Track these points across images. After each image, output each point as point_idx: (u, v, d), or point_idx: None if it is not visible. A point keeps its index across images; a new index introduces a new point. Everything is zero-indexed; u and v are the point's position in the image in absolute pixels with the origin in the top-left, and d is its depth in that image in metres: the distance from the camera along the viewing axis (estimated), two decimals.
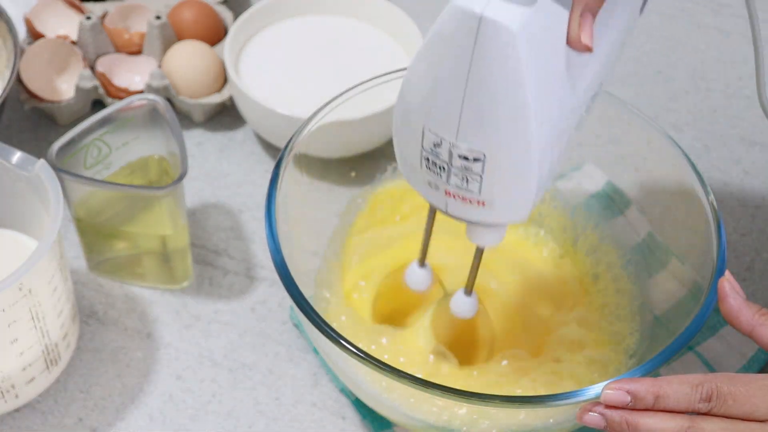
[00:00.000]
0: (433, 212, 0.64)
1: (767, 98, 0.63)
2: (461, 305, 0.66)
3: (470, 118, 0.52)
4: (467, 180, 0.54)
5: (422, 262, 0.67)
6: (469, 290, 0.66)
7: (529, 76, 0.50)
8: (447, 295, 0.69)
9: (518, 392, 0.66)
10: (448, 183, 0.55)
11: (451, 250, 0.73)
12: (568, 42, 0.53)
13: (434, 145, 0.54)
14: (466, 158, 0.53)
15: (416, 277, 0.68)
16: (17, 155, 0.68)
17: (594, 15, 0.53)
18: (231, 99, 0.88)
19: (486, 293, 0.71)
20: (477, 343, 0.69)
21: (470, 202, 0.56)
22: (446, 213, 0.58)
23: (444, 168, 0.55)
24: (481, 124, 0.52)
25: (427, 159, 0.55)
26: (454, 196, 0.56)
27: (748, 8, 0.60)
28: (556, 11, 0.52)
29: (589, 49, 0.53)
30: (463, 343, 0.69)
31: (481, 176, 0.54)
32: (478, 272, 0.64)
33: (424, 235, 0.65)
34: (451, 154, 0.54)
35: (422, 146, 0.55)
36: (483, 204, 0.55)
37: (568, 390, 0.58)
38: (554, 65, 0.53)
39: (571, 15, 0.52)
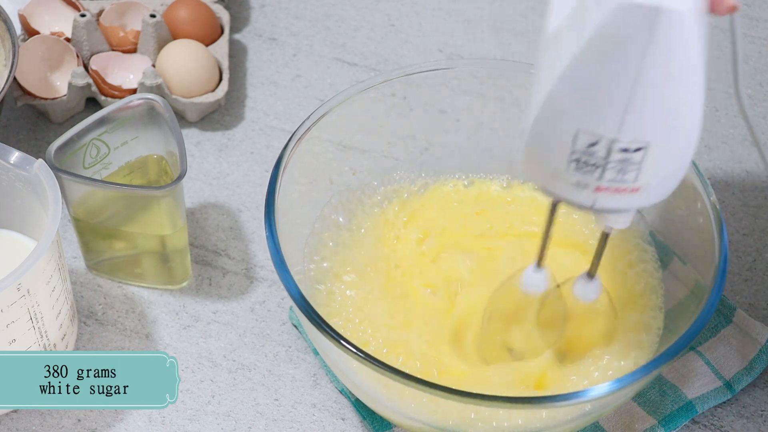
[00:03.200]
0: (553, 211, 0.62)
1: (742, 95, 0.64)
2: (585, 288, 0.65)
3: (637, 111, 0.51)
4: (624, 171, 0.54)
5: (541, 264, 0.64)
6: (592, 274, 0.64)
7: (701, 60, 0.51)
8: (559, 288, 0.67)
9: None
10: (601, 179, 0.54)
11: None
12: (713, 8, 0.54)
13: (589, 146, 0.53)
14: (626, 150, 0.53)
15: (534, 280, 0.64)
16: (15, 155, 0.68)
17: None
18: (225, 98, 0.88)
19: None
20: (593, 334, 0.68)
21: (623, 191, 0.55)
22: (590, 208, 0.56)
23: (598, 165, 0.54)
24: (649, 114, 0.51)
25: (578, 160, 0.54)
26: (606, 190, 0.55)
27: None
28: None
29: (735, 8, 0.54)
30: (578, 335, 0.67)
31: (640, 165, 0.53)
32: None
33: (543, 236, 0.63)
34: (609, 150, 0.53)
35: (572, 149, 0.54)
36: (636, 190, 0.55)
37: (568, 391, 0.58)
38: (705, 41, 0.53)
39: None
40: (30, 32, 0.90)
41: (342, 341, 0.60)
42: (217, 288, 0.78)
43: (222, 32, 0.92)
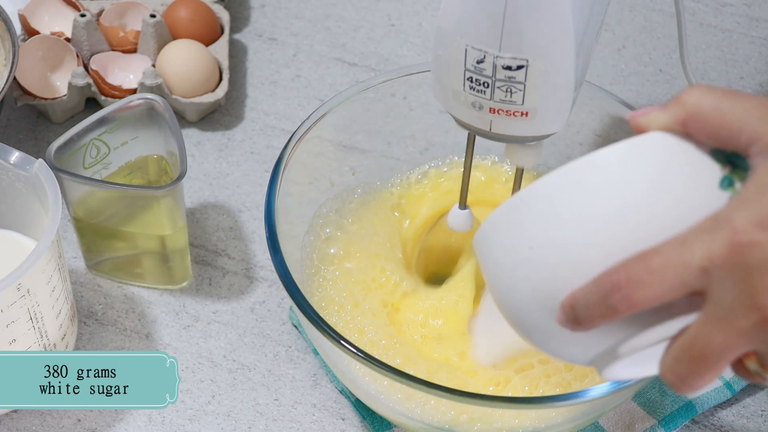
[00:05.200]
0: (470, 148, 0.65)
1: (690, 65, 0.69)
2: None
3: (512, 28, 0.55)
4: (511, 91, 0.57)
5: (463, 204, 0.69)
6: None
7: None
8: None
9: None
10: (492, 98, 0.58)
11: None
12: None
13: (477, 62, 0.57)
14: (509, 68, 0.56)
15: (459, 219, 0.70)
16: (15, 155, 0.68)
17: None
18: (225, 98, 0.88)
19: None
20: None
21: (514, 115, 0.58)
22: (489, 134, 0.60)
23: (487, 84, 0.57)
24: (523, 31, 0.55)
25: (471, 78, 0.58)
26: (498, 112, 0.58)
27: None
28: None
29: None
30: None
31: (524, 84, 0.57)
32: None
33: (463, 173, 0.67)
34: (495, 67, 0.56)
35: (465, 66, 0.57)
36: (526, 114, 0.58)
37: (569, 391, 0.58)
38: None
39: None
40: (30, 32, 0.90)
41: (342, 341, 0.60)
42: (217, 288, 0.78)
43: (222, 32, 0.92)
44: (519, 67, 0.56)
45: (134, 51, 0.90)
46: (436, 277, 0.73)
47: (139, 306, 0.77)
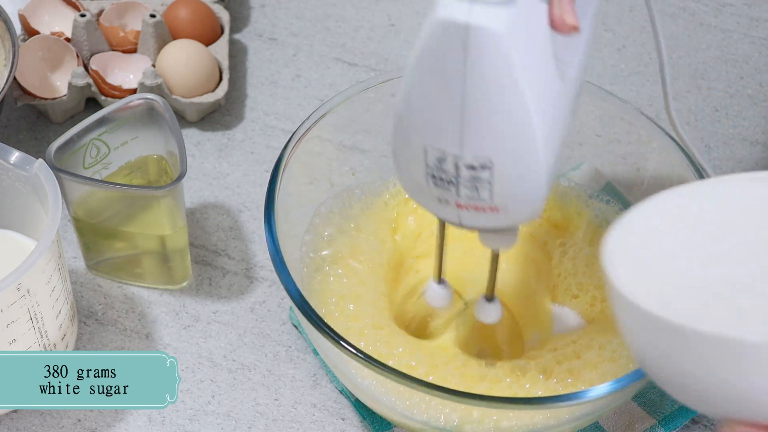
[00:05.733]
0: (442, 227, 0.63)
1: (673, 113, 0.66)
2: (485, 311, 0.66)
3: (472, 127, 0.51)
4: (477, 189, 0.54)
5: (438, 279, 0.66)
6: (490, 296, 0.65)
7: (523, 76, 0.50)
8: (467, 308, 0.69)
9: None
10: (458, 195, 0.54)
11: (465, 259, 0.72)
12: (554, 27, 0.52)
13: (439, 161, 0.53)
14: (473, 167, 0.53)
15: (435, 294, 0.67)
16: (15, 155, 0.68)
17: None
18: (225, 98, 0.88)
19: (504, 295, 0.71)
20: (504, 345, 0.69)
21: (483, 210, 0.55)
22: (460, 225, 0.57)
23: (452, 182, 0.54)
24: (483, 131, 0.51)
25: (433, 176, 0.54)
26: (466, 208, 0.55)
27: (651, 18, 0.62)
28: (534, 4, 0.51)
29: (576, 29, 0.52)
30: (491, 349, 0.69)
31: (490, 182, 0.53)
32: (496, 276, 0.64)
33: (436, 251, 0.64)
34: (457, 167, 0.53)
35: (426, 164, 0.54)
36: (496, 209, 0.55)
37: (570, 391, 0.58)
38: (544, 58, 0.52)
39: (551, 1, 0.52)
40: (30, 32, 0.90)
41: (342, 342, 0.60)
42: (217, 288, 0.78)
43: (222, 32, 0.92)
44: (483, 167, 0.53)
45: (134, 51, 0.90)
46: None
47: (139, 306, 0.77)
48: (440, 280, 0.67)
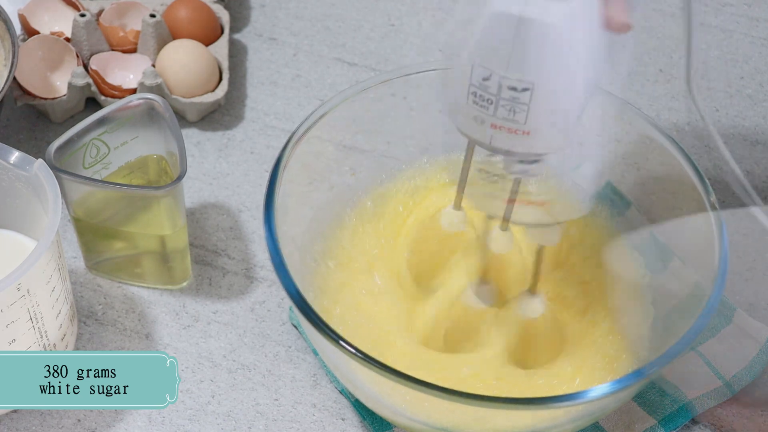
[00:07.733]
0: (470, 153, 0.65)
1: (696, 85, 0.68)
2: (529, 306, 0.68)
3: (520, 53, 0.55)
4: (514, 111, 0.57)
5: (458, 206, 0.69)
6: (534, 290, 0.68)
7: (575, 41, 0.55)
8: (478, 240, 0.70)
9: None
10: (494, 115, 0.58)
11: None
12: (608, 25, 0.56)
13: (483, 79, 0.57)
14: (514, 89, 0.57)
15: (451, 218, 0.70)
16: (15, 155, 0.68)
17: None
18: (225, 98, 0.88)
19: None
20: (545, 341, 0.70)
21: (515, 132, 0.58)
22: (489, 146, 0.60)
23: (491, 101, 0.58)
24: (531, 57, 0.56)
25: (475, 93, 0.58)
26: (499, 128, 0.58)
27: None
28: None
29: (628, 27, 0.57)
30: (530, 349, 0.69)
31: (528, 105, 0.57)
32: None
33: (460, 176, 0.67)
34: (500, 86, 0.57)
35: (470, 81, 0.58)
36: (528, 133, 0.58)
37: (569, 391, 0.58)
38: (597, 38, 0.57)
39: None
40: (30, 32, 0.90)
41: (342, 342, 0.60)
42: (217, 288, 0.78)
43: (222, 32, 0.92)
44: (524, 89, 0.57)
45: (134, 51, 0.90)
46: (428, 276, 0.72)
47: (139, 306, 0.77)
48: (459, 207, 0.69)
